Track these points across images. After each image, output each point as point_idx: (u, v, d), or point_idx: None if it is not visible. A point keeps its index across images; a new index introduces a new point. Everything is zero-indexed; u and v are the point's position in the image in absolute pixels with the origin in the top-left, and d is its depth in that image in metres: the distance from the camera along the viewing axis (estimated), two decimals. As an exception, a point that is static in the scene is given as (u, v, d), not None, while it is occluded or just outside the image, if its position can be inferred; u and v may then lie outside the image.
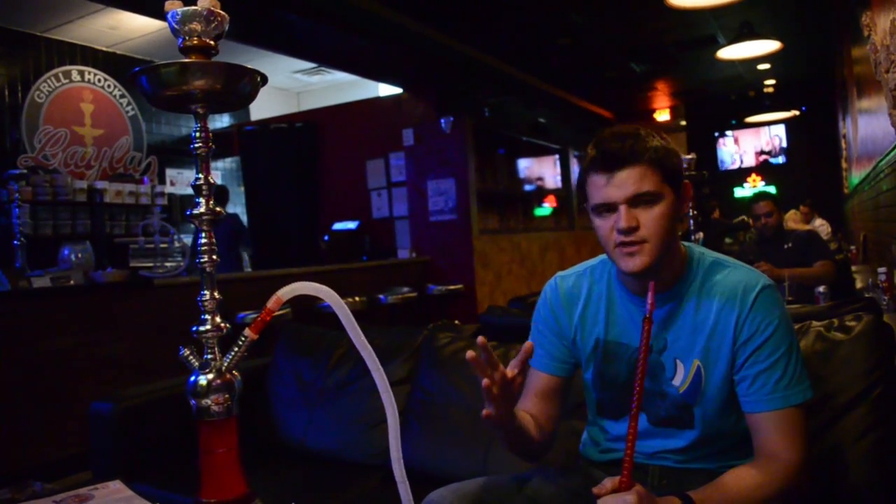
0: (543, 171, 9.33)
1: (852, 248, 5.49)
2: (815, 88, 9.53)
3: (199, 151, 1.09)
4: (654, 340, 1.28)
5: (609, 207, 1.22)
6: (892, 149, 2.98)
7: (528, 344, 1.16)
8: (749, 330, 1.22)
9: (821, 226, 6.55)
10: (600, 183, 1.22)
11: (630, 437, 1.03)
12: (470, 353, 1.10)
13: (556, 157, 9.36)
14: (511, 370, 1.15)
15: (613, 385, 1.34)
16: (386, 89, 7.67)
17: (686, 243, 1.34)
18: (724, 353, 1.23)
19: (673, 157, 1.24)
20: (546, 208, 9.07)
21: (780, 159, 10.72)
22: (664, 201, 1.21)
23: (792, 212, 6.30)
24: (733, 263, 1.30)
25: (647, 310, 1.08)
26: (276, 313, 1.04)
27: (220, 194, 6.36)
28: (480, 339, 1.11)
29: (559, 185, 9.35)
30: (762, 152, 10.84)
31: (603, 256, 1.41)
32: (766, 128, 10.73)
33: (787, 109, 10.09)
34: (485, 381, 1.11)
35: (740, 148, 10.99)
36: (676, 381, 1.27)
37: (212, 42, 1.06)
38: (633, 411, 1.03)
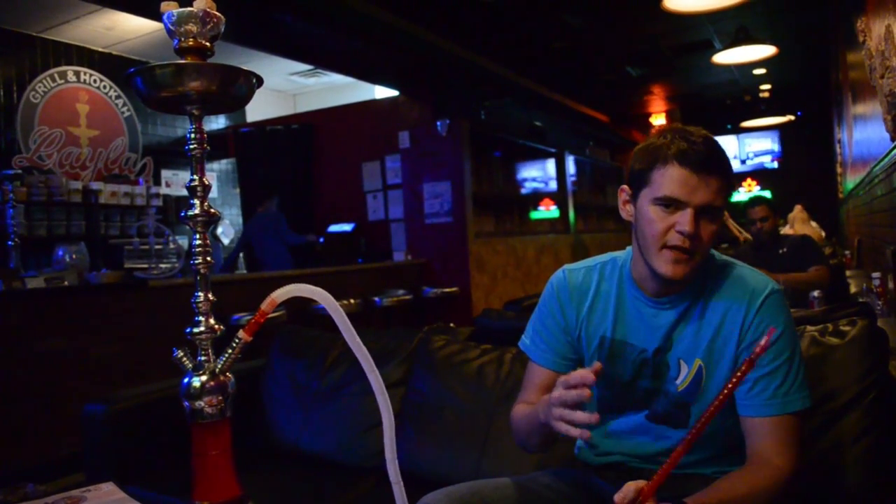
0: (539, 174, 9.33)
1: (847, 252, 5.50)
2: (811, 93, 9.57)
3: (193, 153, 1.09)
4: (660, 342, 1.28)
5: (675, 204, 1.18)
6: (887, 154, 2.99)
7: (597, 365, 1.07)
8: (754, 334, 1.22)
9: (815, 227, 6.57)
10: (681, 178, 1.17)
11: (673, 458, 0.97)
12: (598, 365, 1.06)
13: (553, 160, 9.37)
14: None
15: (615, 384, 1.33)
16: (382, 92, 7.67)
17: None
18: (727, 354, 1.23)
19: (735, 181, 1.25)
20: (542, 211, 9.07)
21: (775, 164, 10.76)
22: (718, 220, 1.21)
23: (797, 208, 6.32)
24: (743, 266, 1.31)
25: (757, 352, 0.96)
26: (271, 315, 1.04)
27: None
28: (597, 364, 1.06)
29: (555, 188, 9.36)
30: (758, 156, 10.88)
31: (612, 254, 1.40)
32: (762, 132, 10.78)
33: (783, 114, 10.14)
34: (585, 392, 1.04)
35: (736, 152, 11.03)
36: (680, 381, 1.27)
37: (207, 43, 1.06)
38: (689, 437, 0.97)
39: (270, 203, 6.47)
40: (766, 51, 6.37)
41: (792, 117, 10.22)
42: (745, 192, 10.69)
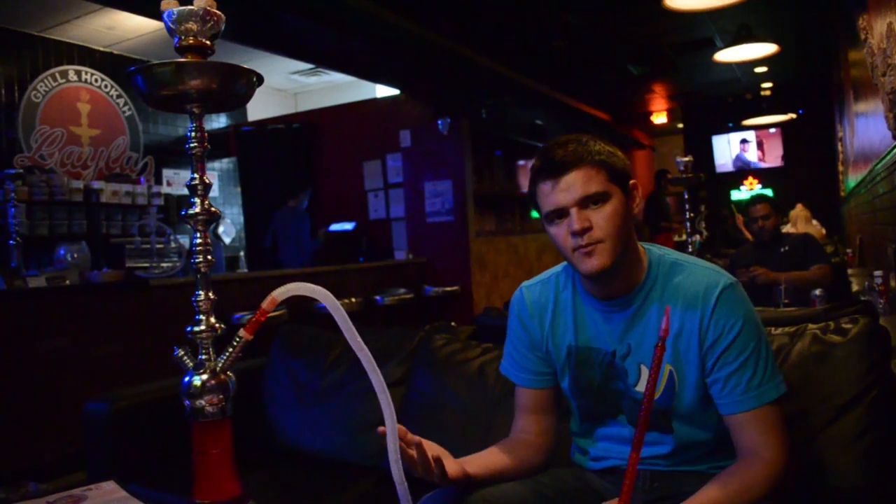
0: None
1: (848, 251, 5.49)
2: (812, 91, 9.55)
3: (194, 151, 1.09)
4: (616, 345, 1.28)
5: (560, 213, 1.22)
6: (889, 152, 2.98)
7: (380, 429, 1.13)
8: (714, 332, 1.20)
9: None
10: (548, 190, 1.22)
11: (631, 464, 0.97)
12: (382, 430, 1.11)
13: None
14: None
15: (589, 390, 1.33)
16: (383, 91, 7.67)
17: (645, 244, 1.33)
18: (692, 356, 1.22)
19: (617, 157, 1.25)
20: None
21: (777, 162, 10.73)
22: (613, 200, 1.22)
23: (799, 206, 6.30)
24: (693, 263, 1.29)
25: (661, 335, 0.96)
26: (272, 314, 1.03)
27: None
28: (381, 428, 1.12)
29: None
30: (758, 154, 10.86)
31: (566, 263, 1.39)
32: (764, 131, 10.75)
33: (784, 112, 10.10)
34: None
35: (737, 151, 11.00)
36: (640, 387, 1.26)
37: (208, 42, 1.05)
38: (637, 438, 0.96)
39: (303, 197, 6.44)
40: (767, 49, 6.36)
41: (794, 115, 10.19)
42: (747, 189, 10.66)
